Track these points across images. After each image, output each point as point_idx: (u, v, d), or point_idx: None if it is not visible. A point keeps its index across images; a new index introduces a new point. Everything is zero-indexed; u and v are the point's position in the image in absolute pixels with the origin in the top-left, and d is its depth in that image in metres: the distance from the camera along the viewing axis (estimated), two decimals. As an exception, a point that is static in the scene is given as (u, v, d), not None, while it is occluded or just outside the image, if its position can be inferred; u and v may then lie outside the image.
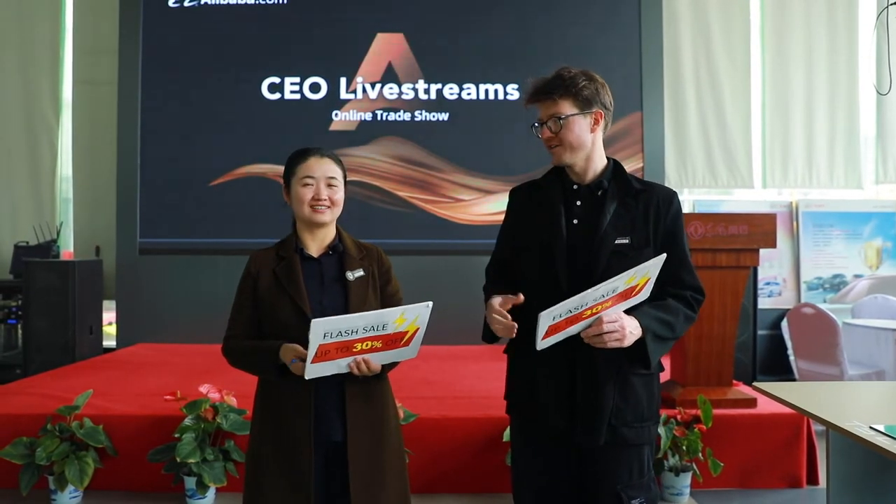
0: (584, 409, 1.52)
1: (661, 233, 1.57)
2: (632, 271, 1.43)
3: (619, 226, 1.54)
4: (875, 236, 5.40)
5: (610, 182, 1.59)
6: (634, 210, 1.56)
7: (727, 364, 3.15)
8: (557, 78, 1.57)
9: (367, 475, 1.60)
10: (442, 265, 5.04)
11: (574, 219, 1.57)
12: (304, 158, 1.68)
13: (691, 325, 1.61)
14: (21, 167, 5.50)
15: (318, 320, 1.44)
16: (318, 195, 1.64)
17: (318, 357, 1.48)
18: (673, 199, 1.60)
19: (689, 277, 1.59)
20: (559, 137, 1.56)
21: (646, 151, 5.21)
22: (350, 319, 1.48)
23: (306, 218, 1.66)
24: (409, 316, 1.52)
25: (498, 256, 1.74)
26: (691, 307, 1.58)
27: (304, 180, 1.65)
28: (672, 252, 1.56)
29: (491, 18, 5.29)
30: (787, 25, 5.51)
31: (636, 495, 1.54)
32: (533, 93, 1.58)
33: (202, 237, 5.19)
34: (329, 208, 1.65)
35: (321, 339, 1.46)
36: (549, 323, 1.42)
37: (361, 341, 1.50)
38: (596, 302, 1.44)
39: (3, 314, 5.01)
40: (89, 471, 2.73)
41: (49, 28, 5.51)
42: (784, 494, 2.97)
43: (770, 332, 5.19)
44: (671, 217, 1.58)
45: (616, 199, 1.57)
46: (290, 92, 5.26)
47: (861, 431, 1.51)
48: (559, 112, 1.55)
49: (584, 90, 1.56)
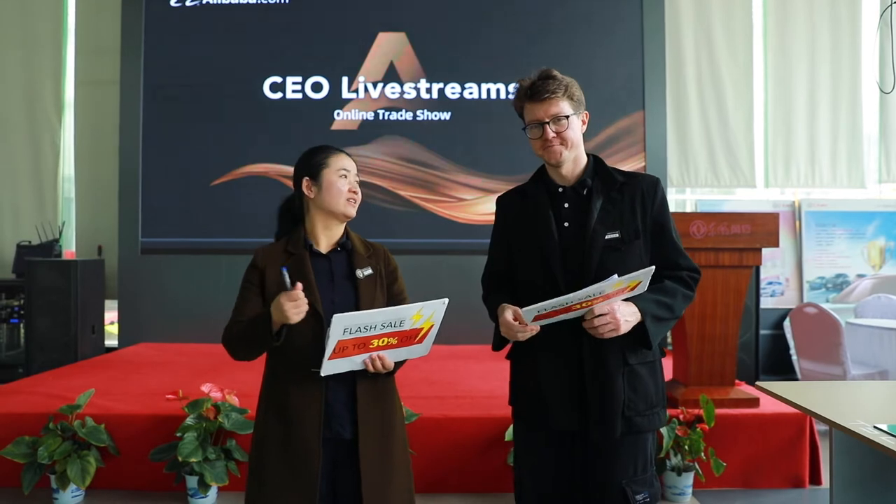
0: (596, 405, 1.53)
1: (649, 222, 1.60)
2: (620, 278, 1.46)
3: (608, 221, 1.57)
4: (878, 236, 5.38)
5: (594, 179, 1.62)
6: (621, 203, 1.59)
7: (730, 364, 3.15)
8: (552, 78, 1.58)
9: (376, 473, 1.59)
10: (444, 264, 5.04)
11: (564, 221, 1.60)
12: (336, 152, 1.68)
13: (690, 304, 1.64)
14: (24, 167, 5.51)
15: (339, 315, 1.44)
16: (353, 188, 1.66)
17: (335, 353, 1.48)
18: (657, 186, 1.63)
19: (682, 260, 1.63)
20: (562, 136, 1.58)
21: (648, 151, 5.21)
22: (369, 315, 1.48)
23: (340, 210, 1.65)
24: (425, 312, 1.52)
25: (493, 265, 1.75)
26: (688, 286, 1.61)
27: (341, 171, 1.65)
28: (663, 238, 1.61)
29: (493, 18, 5.29)
30: (789, 23, 5.50)
31: (641, 490, 1.56)
32: (534, 92, 1.58)
33: (204, 237, 5.19)
34: (356, 204, 1.67)
35: (341, 335, 1.46)
36: (533, 314, 1.49)
37: (378, 338, 1.51)
38: (581, 300, 1.48)
39: (6, 313, 5.02)
40: (91, 470, 2.73)
41: (51, 28, 5.52)
42: (787, 494, 2.96)
43: (772, 331, 5.18)
44: (657, 205, 1.61)
45: (601, 195, 1.59)
46: (292, 91, 5.27)
47: (865, 431, 1.50)
48: (562, 112, 1.57)
49: (576, 91, 1.60)
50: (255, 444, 1.65)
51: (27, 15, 5.49)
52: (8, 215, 5.50)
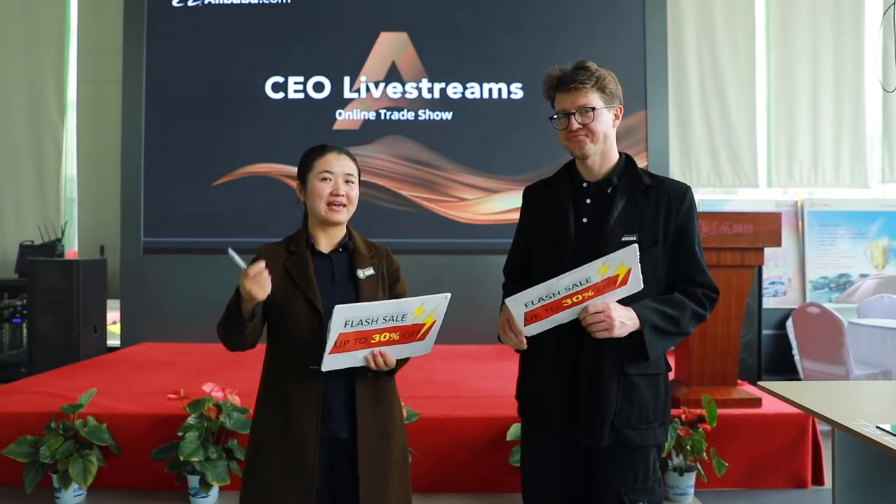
0: (585, 410, 1.51)
1: (672, 229, 1.54)
2: (601, 260, 1.42)
3: (627, 223, 1.52)
4: (881, 235, 5.37)
5: (620, 178, 1.57)
6: (644, 207, 1.54)
7: (732, 364, 3.14)
8: (585, 69, 1.54)
9: (374, 474, 1.59)
10: (446, 264, 5.04)
11: (584, 217, 1.56)
12: (322, 154, 1.66)
13: (702, 323, 1.57)
14: (26, 167, 5.52)
15: (340, 307, 1.43)
16: (336, 191, 1.62)
17: (336, 347, 1.47)
18: (686, 194, 1.57)
19: (700, 276, 1.56)
20: (588, 128, 1.53)
21: (650, 150, 5.20)
22: (371, 307, 1.48)
23: (322, 216, 1.63)
24: (427, 307, 1.51)
25: (514, 255, 1.74)
26: (702, 304, 1.54)
27: (322, 174, 1.63)
28: (682, 249, 1.55)
29: (494, 17, 5.28)
30: (792, 23, 5.49)
31: (639, 499, 1.52)
32: (562, 82, 1.54)
33: (206, 236, 5.19)
34: (345, 206, 1.64)
35: (342, 327, 1.45)
36: (522, 310, 1.45)
37: (380, 332, 1.50)
38: (570, 291, 1.44)
39: (9, 313, 5.03)
40: (93, 469, 2.73)
41: (54, 28, 5.53)
42: (789, 495, 2.95)
43: (775, 331, 5.17)
44: (683, 213, 1.55)
45: (625, 195, 1.55)
46: (294, 91, 5.27)
47: (868, 431, 1.50)
48: (589, 103, 1.53)
49: (610, 84, 1.55)
50: (251, 441, 1.65)
51: (30, 15, 5.51)
52: (11, 215, 5.52)
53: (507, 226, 4.63)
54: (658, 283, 1.55)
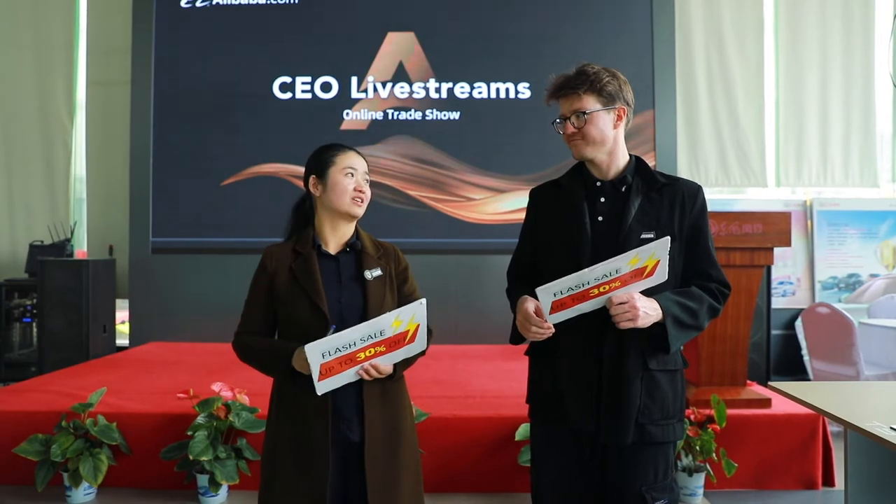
0: (610, 408, 1.51)
1: (686, 227, 1.57)
2: (634, 252, 1.44)
3: (645, 220, 1.54)
4: (891, 235, 5.33)
5: (634, 177, 1.59)
6: (659, 204, 1.56)
7: (741, 364, 3.13)
8: (581, 74, 1.56)
9: (383, 476, 1.59)
10: (453, 264, 5.03)
11: (598, 216, 1.57)
12: (344, 150, 1.67)
13: (716, 318, 1.60)
14: (36, 167, 5.56)
15: (310, 346, 1.45)
16: (359, 187, 1.64)
17: (323, 375, 1.48)
18: (698, 193, 1.60)
19: (714, 271, 1.59)
20: (582, 132, 1.56)
21: (658, 150, 5.18)
22: (343, 336, 1.48)
23: (345, 209, 1.63)
24: (404, 317, 1.51)
25: (520, 258, 1.73)
26: (716, 299, 1.57)
27: (346, 170, 1.63)
28: (696, 246, 1.57)
29: (502, 18, 5.28)
30: (801, 21, 5.45)
31: (660, 496, 1.53)
32: (556, 88, 1.58)
33: (214, 236, 5.21)
34: (364, 203, 1.65)
35: (321, 359, 1.47)
36: (550, 299, 1.46)
37: (363, 350, 1.50)
38: (599, 281, 1.45)
39: (19, 313, 5.07)
40: (103, 468, 2.75)
41: (63, 29, 5.56)
42: (799, 496, 2.94)
43: (784, 332, 5.14)
44: (696, 211, 1.58)
45: (641, 193, 1.56)
46: (302, 91, 5.28)
47: (882, 432, 1.48)
48: (583, 107, 1.55)
49: (608, 86, 1.56)
50: (266, 444, 1.66)
51: (39, 16, 5.54)
52: (21, 215, 5.55)
53: (515, 226, 4.61)
54: (675, 279, 1.57)
